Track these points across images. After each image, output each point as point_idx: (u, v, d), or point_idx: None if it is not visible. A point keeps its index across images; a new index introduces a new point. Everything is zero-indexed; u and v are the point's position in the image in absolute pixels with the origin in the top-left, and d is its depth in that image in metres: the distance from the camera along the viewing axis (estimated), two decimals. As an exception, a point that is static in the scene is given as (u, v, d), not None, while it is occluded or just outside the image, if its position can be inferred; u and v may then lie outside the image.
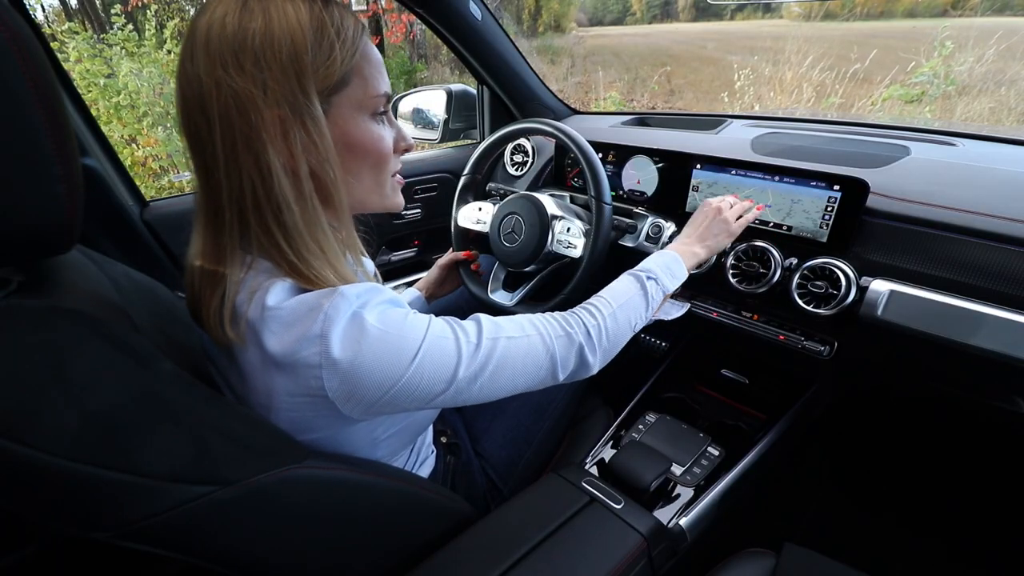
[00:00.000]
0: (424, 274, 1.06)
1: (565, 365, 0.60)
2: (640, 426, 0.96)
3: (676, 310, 0.94)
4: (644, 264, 0.75)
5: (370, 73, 0.50)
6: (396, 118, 1.55)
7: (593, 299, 0.68)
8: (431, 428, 0.78)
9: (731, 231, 0.82)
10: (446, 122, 1.42)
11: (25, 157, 0.37)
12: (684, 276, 0.76)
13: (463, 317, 0.56)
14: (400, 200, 0.60)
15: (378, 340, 0.45)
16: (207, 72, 0.43)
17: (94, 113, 1.04)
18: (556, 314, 0.63)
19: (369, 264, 0.63)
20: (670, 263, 0.75)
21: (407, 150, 0.58)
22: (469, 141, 1.53)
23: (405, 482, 0.63)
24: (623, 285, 0.71)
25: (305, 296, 0.46)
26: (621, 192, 1.12)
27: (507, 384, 0.55)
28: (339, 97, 0.49)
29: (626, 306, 0.68)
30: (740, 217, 0.84)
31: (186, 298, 0.53)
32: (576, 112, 1.52)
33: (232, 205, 0.47)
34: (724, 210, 0.83)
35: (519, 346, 0.56)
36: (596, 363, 0.63)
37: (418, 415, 0.63)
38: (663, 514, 0.78)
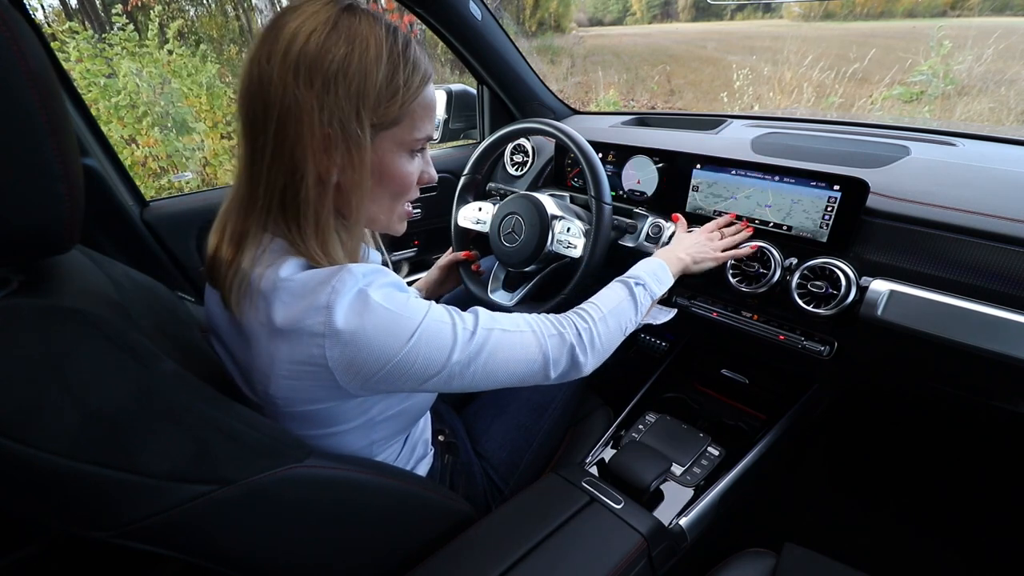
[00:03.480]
0: (424, 274, 1.06)
1: (557, 364, 0.62)
2: (640, 426, 0.96)
3: (664, 315, 0.97)
4: (632, 271, 0.79)
5: (420, 117, 0.55)
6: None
7: (584, 305, 0.71)
8: (429, 426, 0.78)
9: (716, 256, 0.87)
10: (446, 122, 1.42)
11: (25, 157, 0.37)
12: (670, 282, 0.80)
13: None
14: (402, 228, 0.64)
15: (380, 316, 0.48)
16: (279, 75, 0.47)
17: (94, 113, 1.04)
18: (550, 316, 0.66)
19: (375, 256, 0.66)
20: (656, 270, 0.79)
21: (428, 182, 0.62)
22: (469, 141, 1.53)
23: (406, 481, 0.63)
24: (613, 291, 0.74)
25: (316, 271, 0.49)
26: (621, 192, 1.12)
27: (500, 375, 0.57)
28: (387, 133, 0.53)
29: (616, 311, 0.71)
30: (729, 248, 0.88)
31: (206, 266, 0.56)
32: (576, 112, 1.52)
33: (267, 194, 0.51)
34: (714, 239, 0.89)
35: (513, 340, 0.58)
36: (588, 365, 0.65)
37: (414, 401, 0.65)
38: (663, 514, 0.78)
